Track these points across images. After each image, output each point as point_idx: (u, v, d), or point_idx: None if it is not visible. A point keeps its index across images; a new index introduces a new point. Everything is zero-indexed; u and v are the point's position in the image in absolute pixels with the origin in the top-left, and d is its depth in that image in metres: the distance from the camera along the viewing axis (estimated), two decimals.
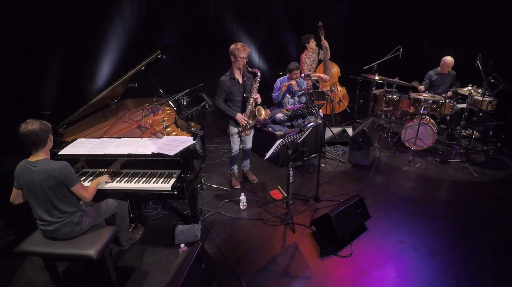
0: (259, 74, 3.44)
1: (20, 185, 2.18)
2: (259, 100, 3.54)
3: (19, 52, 4.42)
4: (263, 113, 3.56)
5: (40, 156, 2.14)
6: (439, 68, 5.16)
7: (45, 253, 2.26)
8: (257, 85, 3.48)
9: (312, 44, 5.42)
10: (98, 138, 2.97)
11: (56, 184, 2.11)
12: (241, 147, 3.85)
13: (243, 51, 3.33)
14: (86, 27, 5.12)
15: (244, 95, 3.56)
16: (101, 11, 5.33)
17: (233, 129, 3.65)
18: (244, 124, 3.56)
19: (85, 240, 2.28)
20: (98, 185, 2.44)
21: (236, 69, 3.47)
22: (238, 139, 3.72)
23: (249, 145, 3.85)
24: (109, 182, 2.55)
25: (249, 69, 3.45)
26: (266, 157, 3.01)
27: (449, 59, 5.00)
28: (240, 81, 3.51)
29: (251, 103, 3.51)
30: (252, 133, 3.77)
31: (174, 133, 3.20)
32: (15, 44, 4.38)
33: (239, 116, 3.51)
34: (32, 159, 2.13)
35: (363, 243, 2.99)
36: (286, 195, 3.51)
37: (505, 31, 5.30)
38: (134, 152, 2.64)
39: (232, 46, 3.37)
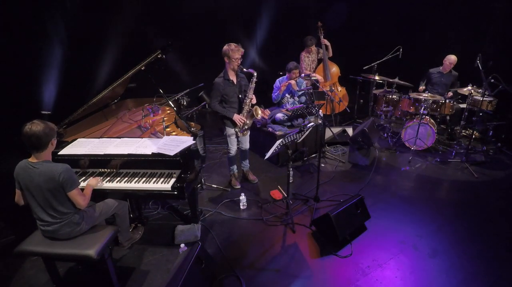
0: (255, 74, 3.42)
1: (19, 185, 2.18)
2: (254, 101, 3.54)
3: (19, 52, 4.42)
4: (260, 113, 3.55)
5: (41, 158, 2.12)
6: (441, 68, 5.16)
7: (45, 253, 2.26)
8: (253, 85, 3.47)
9: (313, 48, 5.47)
10: (98, 138, 2.96)
11: (56, 186, 2.10)
12: (238, 147, 3.84)
13: (237, 51, 3.30)
14: (86, 26, 5.12)
15: (240, 95, 3.55)
16: (101, 11, 5.33)
17: (230, 130, 3.64)
18: (241, 125, 3.55)
19: (85, 240, 2.27)
20: (92, 189, 2.39)
21: (230, 70, 3.45)
22: (236, 139, 3.72)
23: (246, 145, 3.85)
24: (101, 184, 2.52)
25: (244, 69, 3.43)
26: (266, 157, 3.01)
27: (452, 56, 4.97)
28: (235, 81, 3.50)
29: (247, 104, 3.51)
30: (249, 133, 3.76)
31: (174, 133, 3.20)
32: (15, 44, 4.38)
33: (236, 117, 3.51)
34: (33, 160, 2.12)
35: (363, 243, 2.99)
36: (286, 195, 3.51)
37: (505, 31, 5.29)
38: (134, 152, 2.64)
39: (225, 47, 3.34)
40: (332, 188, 3.91)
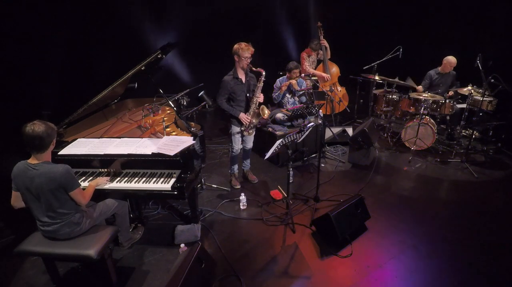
0: (264, 73, 3.43)
1: (18, 187, 2.16)
2: (261, 100, 3.54)
3: (19, 52, 4.42)
4: (267, 113, 3.56)
5: (41, 159, 2.11)
6: (439, 68, 5.15)
7: (45, 253, 2.26)
8: (261, 84, 3.48)
9: (314, 53, 5.50)
10: (98, 138, 2.97)
11: (56, 187, 2.10)
12: (241, 146, 3.85)
13: (247, 50, 3.32)
14: (86, 26, 5.12)
15: (247, 94, 3.55)
16: (101, 11, 5.32)
17: (236, 129, 3.65)
18: (247, 124, 3.56)
19: (85, 240, 2.28)
20: (94, 188, 2.41)
21: (239, 69, 3.46)
22: (240, 138, 3.72)
23: (250, 144, 3.85)
24: (107, 183, 2.54)
25: (253, 68, 3.44)
26: (266, 157, 3.01)
27: (453, 58, 4.95)
28: (244, 80, 3.51)
29: (254, 103, 3.51)
30: (254, 132, 3.77)
31: (174, 133, 3.20)
32: (15, 44, 4.38)
33: (242, 116, 3.51)
34: (33, 161, 2.11)
35: (363, 243, 2.99)
36: (286, 195, 3.51)
37: (505, 31, 5.30)
38: (134, 152, 2.64)
39: (235, 46, 3.36)
40: (332, 188, 3.91)
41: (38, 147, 2.06)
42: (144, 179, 2.62)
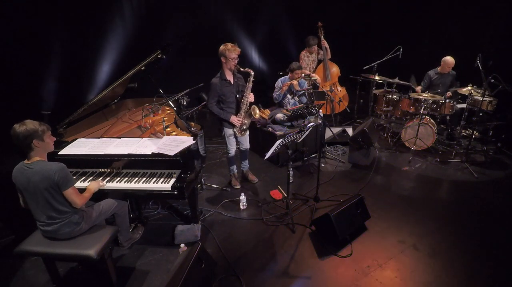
0: (252, 73, 3.41)
1: (18, 188, 2.17)
2: (252, 100, 3.52)
3: (19, 52, 4.42)
4: (258, 112, 3.54)
5: (34, 158, 2.12)
6: (439, 68, 5.15)
7: (45, 253, 2.26)
8: (250, 84, 3.45)
9: (314, 48, 5.49)
10: (98, 138, 2.97)
11: (51, 185, 2.09)
12: (238, 147, 3.83)
13: (234, 51, 3.29)
14: (87, 26, 5.12)
15: (237, 95, 3.54)
16: (101, 11, 5.33)
17: (228, 131, 3.63)
18: (239, 125, 3.55)
19: (85, 240, 2.28)
20: (92, 192, 2.39)
21: (227, 70, 3.43)
22: (234, 140, 3.71)
23: (246, 145, 3.84)
24: (103, 186, 2.53)
25: (241, 69, 3.41)
26: (266, 157, 3.00)
27: (450, 59, 4.97)
28: (232, 81, 3.49)
29: (245, 103, 3.50)
30: (248, 133, 3.75)
31: (174, 133, 3.20)
32: (15, 43, 4.38)
33: (233, 119, 3.50)
34: (27, 161, 2.12)
35: (363, 243, 2.99)
36: (286, 195, 3.51)
37: (505, 31, 5.29)
38: (134, 152, 2.64)
39: (221, 47, 3.32)
40: (332, 188, 3.91)
41: (19, 146, 2.07)
42: (144, 179, 2.62)
